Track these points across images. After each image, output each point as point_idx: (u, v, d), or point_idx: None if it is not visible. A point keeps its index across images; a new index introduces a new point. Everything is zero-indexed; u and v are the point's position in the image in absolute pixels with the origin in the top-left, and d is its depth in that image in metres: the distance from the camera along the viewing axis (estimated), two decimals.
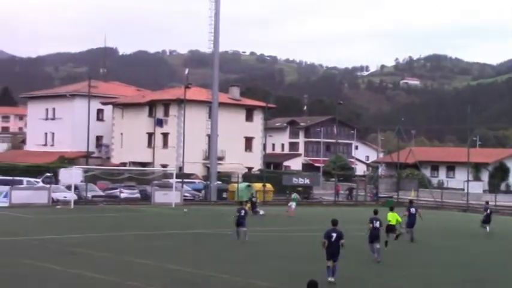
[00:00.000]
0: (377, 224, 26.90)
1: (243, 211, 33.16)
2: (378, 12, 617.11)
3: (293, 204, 51.26)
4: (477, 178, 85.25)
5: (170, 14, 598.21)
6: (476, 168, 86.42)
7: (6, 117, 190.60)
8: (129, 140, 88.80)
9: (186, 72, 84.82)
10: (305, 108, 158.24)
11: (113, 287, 20.52)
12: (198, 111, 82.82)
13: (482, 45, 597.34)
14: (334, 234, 22.19)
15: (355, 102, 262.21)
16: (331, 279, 21.66)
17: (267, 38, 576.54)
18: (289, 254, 28.56)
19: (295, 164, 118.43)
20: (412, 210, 35.50)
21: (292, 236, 36.60)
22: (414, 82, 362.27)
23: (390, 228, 31.01)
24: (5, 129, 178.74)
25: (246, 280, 21.91)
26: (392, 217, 31.32)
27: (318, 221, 40.05)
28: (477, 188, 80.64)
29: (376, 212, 28.02)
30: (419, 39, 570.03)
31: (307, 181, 71.27)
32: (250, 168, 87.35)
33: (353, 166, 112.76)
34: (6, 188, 52.31)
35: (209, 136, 72.27)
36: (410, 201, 40.10)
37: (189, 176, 72.33)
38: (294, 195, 59.83)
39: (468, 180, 74.25)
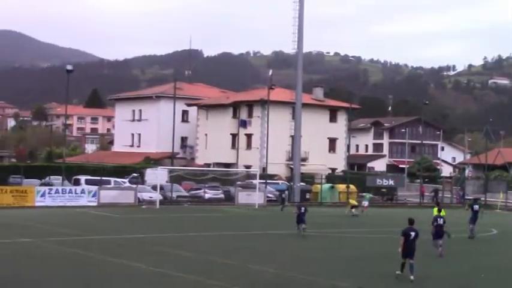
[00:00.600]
0: (440, 221, 28.73)
1: (303, 208, 34.98)
2: (464, 10, 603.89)
3: (366, 203, 54.38)
4: None
5: (254, 15, 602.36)
6: None
7: (95, 119, 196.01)
8: (213, 141, 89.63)
9: (270, 73, 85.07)
10: (390, 108, 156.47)
11: (195, 286, 20.70)
12: (282, 112, 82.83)
13: None
14: (413, 233, 22.54)
15: (441, 102, 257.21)
16: (399, 272, 22.38)
17: (351, 38, 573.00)
18: (371, 255, 28.20)
19: (379, 165, 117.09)
20: (476, 207, 37.15)
21: (375, 237, 36.12)
22: (503, 81, 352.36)
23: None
24: (94, 131, 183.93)
25: (329, 282, 21.74)
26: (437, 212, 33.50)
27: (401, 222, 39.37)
28: None
29: (439, 210, 32.45)
30: (508, 37, 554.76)
31: (391, 182, 70.33)
32: (333, 169, 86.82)
33: (438, 167, 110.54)
34: (95, 187, 53.66)
35: (293, 137, 72.24)
36: (475, 199, 42.90)
37: (272, 177, 72.42)
38: (366, 194, 60.16)
39: None
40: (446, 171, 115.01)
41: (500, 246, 34.98)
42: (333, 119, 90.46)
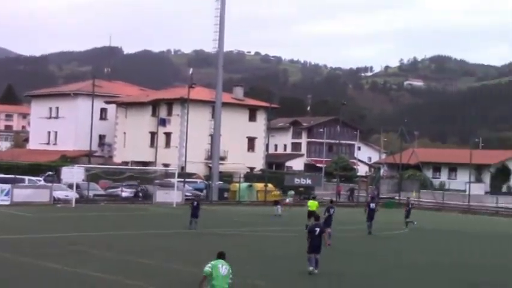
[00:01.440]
0: (331, 212, 34.44)
1: (195, 202, 37.41)
2: (382, 13, 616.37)
3: (289, 200, 58.58)
4: (479, 180, 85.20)
5: (175, 13, 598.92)
6: (478, 170, 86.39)
7: (9, 116, 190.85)
8: (132, 139, 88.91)
9: (190, 71, 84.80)
10: (308, 108, 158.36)
11: (112, 285, 20.61)
12: (202, 111, 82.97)
13: (486, 46, 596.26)
14: (318, 229, 23.45)
15: (358, 103, 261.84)
16: (313, 269, 23.06)
17: (271, 38, 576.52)
18: (287, 253, 28.65)
19: (298, 164, 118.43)
20: (372, 205, 39.22)
21: (291, 236, 36.66)
22: (418, 83, 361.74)
23: (311, 213, 36.49)
24: (8, 128, 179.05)
25: (247, 280, 21.99)
26: (313, 204, 39.04)
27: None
28: (479, 189, 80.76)
29: (331, 201, 39.03)
30: (423, 40, 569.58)
31: (308, 181, 71.29)
32: (252, 168, 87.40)
33: (355, 167, 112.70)
34: (8, 186, 52.40)
35: (212, 136, 72.37)
36: (372, 197, 46.00)
37: (190, 175, 72.43)
38: (290, 192, 62.19)
39: (470, 182, 74.30)
40: (362, 170, 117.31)
41: (412, 244, 36.06)
42: (252, 118, 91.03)
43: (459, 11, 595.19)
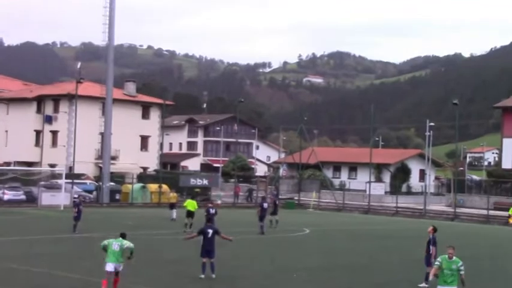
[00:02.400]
0: (213, 211, 36.44)
1: (80, 206, 38.11)
2: (281, 7, 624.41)
3: (219, 201, 62.88)
4: (379, 179, 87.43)
5: (61, 4, 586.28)
6: (378, 169, 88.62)
7: None
8: (15, 137, 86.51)
9: (78, 65, 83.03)
10: (204, 106, 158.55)
11: None
12: (91, 107, 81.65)
13: (386, 43, 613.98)
14: (210, 231, 23.06)
15: (256, 100, 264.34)
16: (202, 276, 22.73)
17: (165, 31, 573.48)
18: (182, 257, 28.56)
19: (194, 164, 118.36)
20: (265, 205, 40.81)
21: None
22: (317, 80, 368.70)
23: (190, 214, 39.85)
24: None
25: (136, 286, 21.77)
26: (190, 204, 40.39)
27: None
28: (379, 189, 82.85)
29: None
30: (322, 36, 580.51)
31: (205, 182, 71.21)
32: (145, 169, 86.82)
33: (253, 166, 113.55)
34: None
35: (102, 134, 71.25)
36: (263, 198, 46.45)
37: (79, 176, 71.14)
38: (219, 193, 67.70)
39: (370, 182, 76.13)
40: (261, 170, 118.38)
41: (312, 246, 36.61)
42: (145, 115, 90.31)
43: (358, 8, 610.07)
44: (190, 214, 40.05)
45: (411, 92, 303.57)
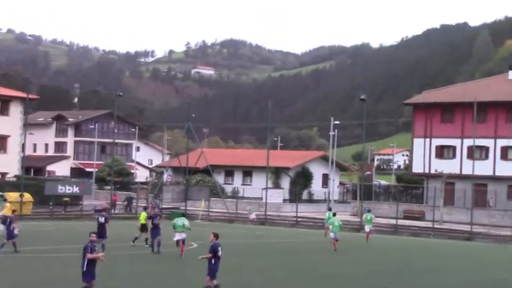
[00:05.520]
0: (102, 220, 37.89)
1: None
2: None
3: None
4: (277, 185, 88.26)
5: None
6: (276, 174, 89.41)
7: None
8: None
9: None
10: (76, 100, 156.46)
11: None
12: None
13: (286, 31, 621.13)
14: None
15: (137, 94, 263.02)
16: None
17: (29, 12, 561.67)
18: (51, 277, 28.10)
19: (62, 169, 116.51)
20: (101, 219, 39.88)
21: (57, 256, 35.97)
22: (208, 72, 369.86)
23: (143, 227, 41.49)
24: None
25: None
26: (143, 217, 42.23)
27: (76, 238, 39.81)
28: (277, 196, 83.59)
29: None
30: (214, 21, 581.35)
31: (76, 190, 70.00)
32: (4, 174, 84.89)
33: (133, 171, 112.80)
34: None
35: None
36: (104, 210, 45.73)
37: None
38: (249, 207, 71.67)
39: (267, 188, 76.83)
40: (142, 175, 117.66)
41: (199, 263, 36.47)
42: (4, 111, 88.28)
43: None
44: (143, 228, 41.77)
45: (314, 86, 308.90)
